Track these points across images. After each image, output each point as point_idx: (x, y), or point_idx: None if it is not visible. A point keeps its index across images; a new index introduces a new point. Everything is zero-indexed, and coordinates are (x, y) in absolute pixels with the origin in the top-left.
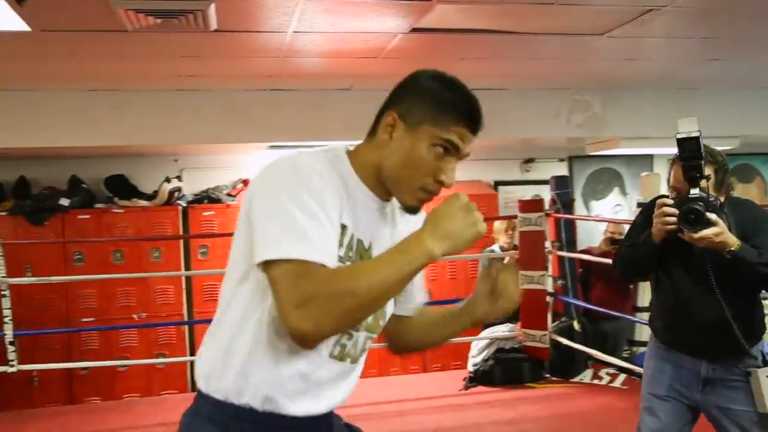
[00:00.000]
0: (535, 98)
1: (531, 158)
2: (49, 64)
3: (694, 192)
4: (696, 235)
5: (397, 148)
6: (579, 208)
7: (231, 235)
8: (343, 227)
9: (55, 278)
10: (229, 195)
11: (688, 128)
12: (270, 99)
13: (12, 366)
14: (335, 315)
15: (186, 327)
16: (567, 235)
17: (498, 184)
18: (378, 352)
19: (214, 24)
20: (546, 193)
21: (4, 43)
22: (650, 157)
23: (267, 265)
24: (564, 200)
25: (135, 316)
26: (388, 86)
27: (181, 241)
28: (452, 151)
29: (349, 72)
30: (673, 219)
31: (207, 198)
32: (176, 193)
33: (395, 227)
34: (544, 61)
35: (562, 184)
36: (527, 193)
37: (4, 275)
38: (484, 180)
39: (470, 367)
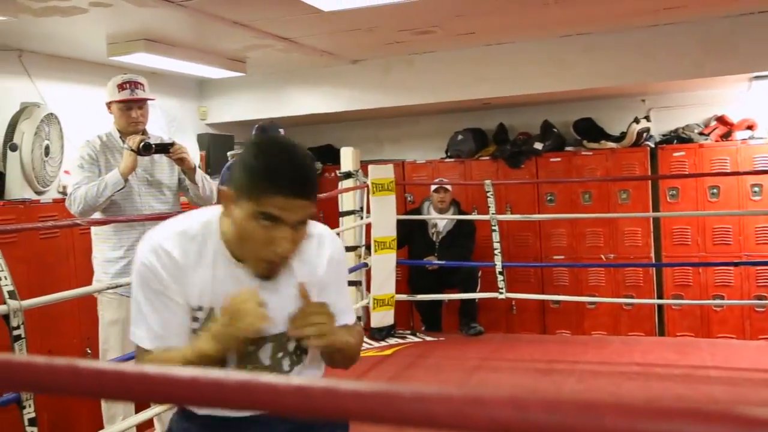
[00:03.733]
0: None
1: None
2: (527, 16)
3: None
4: None
5: (235, 223)
6: None
7: (703, 175)
8: (200, 308)
9: (534, 216)
10: (701, 134)
11: None
12: (757, 22)
13: (501, 293)
14: None
15: (653, 270)
16: None
17: None
18: None
19: None
20: None
21: None
22: None
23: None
24: None
25: (603, 256)
26: None
27: (650, 183)
28: (278, 220)
29: None
30: None
31: (677, 138)
32: (644, 134)
33: (292, 276)
34: None
35: None
36: None
37: (494, 212)
38: None
39: None
